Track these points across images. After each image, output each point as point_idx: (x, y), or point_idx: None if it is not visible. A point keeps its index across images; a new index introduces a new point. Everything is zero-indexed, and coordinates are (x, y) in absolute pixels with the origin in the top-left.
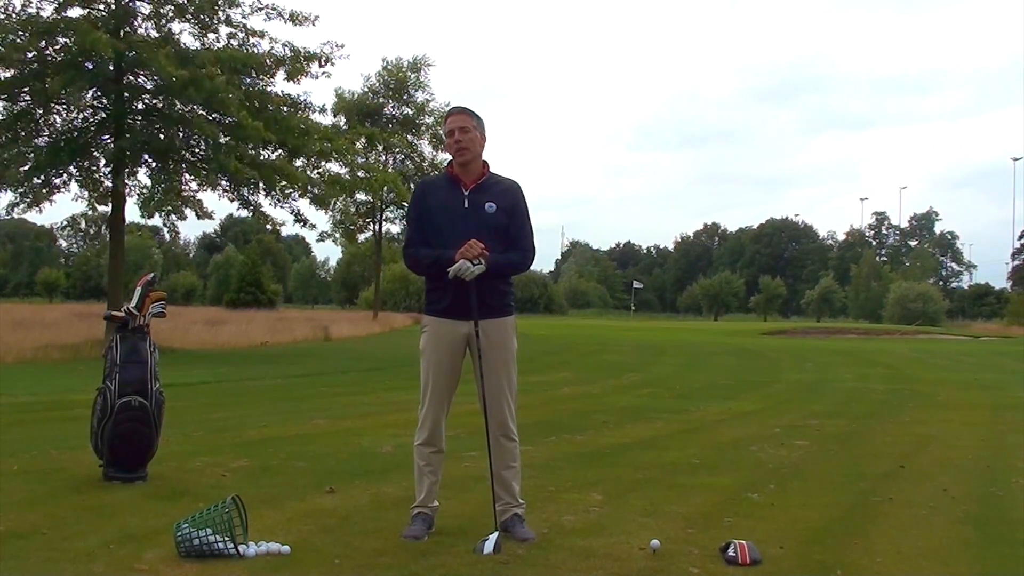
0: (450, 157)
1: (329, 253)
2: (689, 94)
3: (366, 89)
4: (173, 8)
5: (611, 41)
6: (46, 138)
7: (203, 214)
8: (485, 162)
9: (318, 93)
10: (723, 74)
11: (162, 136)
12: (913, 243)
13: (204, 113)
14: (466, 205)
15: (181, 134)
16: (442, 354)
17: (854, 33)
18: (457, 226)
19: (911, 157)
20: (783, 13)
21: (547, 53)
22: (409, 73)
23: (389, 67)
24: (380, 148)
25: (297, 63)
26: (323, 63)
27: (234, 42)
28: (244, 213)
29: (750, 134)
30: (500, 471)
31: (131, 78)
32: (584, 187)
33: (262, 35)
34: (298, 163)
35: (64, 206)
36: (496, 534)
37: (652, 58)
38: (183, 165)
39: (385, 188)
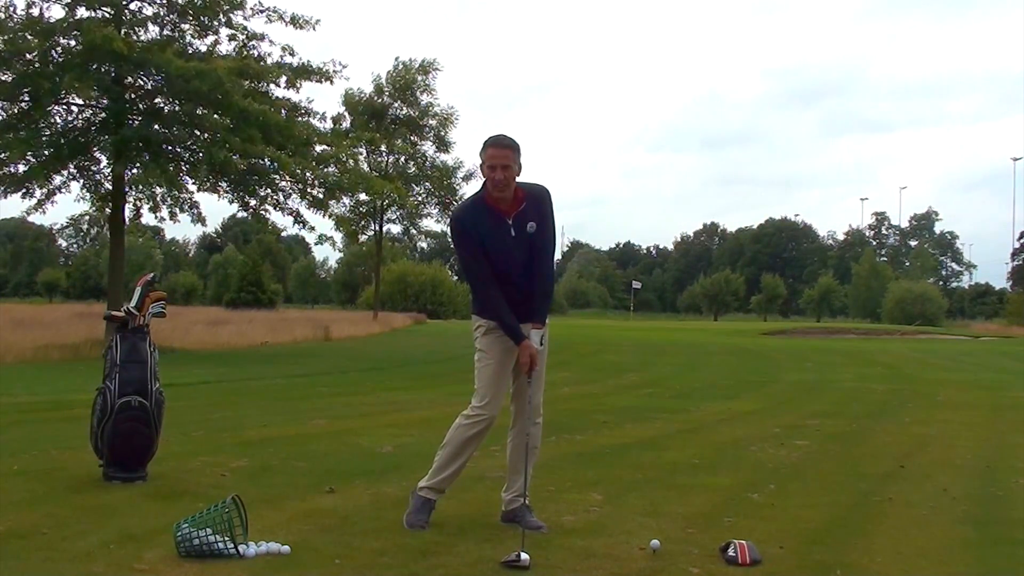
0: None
1: (328, 253)
2: (713, 97)
3: (374, 88)
4: (176, 10)
5: (636, 44)
6: (47, 138)
7: (198, 219)
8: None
9: (319, 98)
10: (748, 78)
11: (162, 132)
12: (913, 243)
13: (206, 111)
14: (513, 234)
15: (178, 131)
16: (507, 354)
17: (881, 39)
18: (510, 256)
19: (913, 158)
20: (814, 18)
21: (572, 57)
22: (417, 76)
23: (400, 68)
24: (383, 150)
25: (300, 73)
26: (323, 80)
27: (234, 44)
28: (244, 214)
29: (770, 137)
30: (524, 457)
31: (131, 79)
32: (599, 188)
33: (262, 38)
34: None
35: (65, 206)
36: (527, 556)
37: (678, 61)
38: (183, 166)
39: (385, 189)
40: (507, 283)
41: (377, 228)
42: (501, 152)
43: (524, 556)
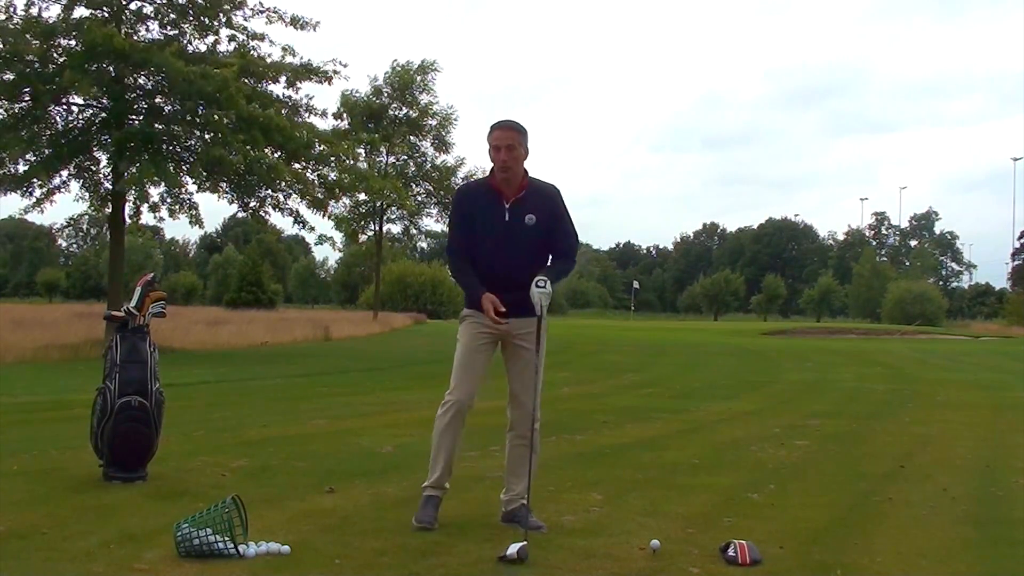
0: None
1: (328, 253)
2: (715, 97)
3: (372, 90)
4: (177, 9)
5: (638, 44)
6: (47, 138)
7: (195, 220)
8: (525, 171)
9: (320, 96)
10: (750, 78)
11: (161, 131)
12: (913, 243)
13: (207, 110)
14: (507, 218)
15: (179, 130)
16: (474, 338)
17: (882, 40)
18: (498, 239)
19: (913, 158)
20: (816, 19)
21: (573, 57)
22: (416, 76)
23: (397, 69)
24: (383, 151)
25: (301, 74)
26: (323, 79)
27: (234, 44)
28: (244, 214)
29: (771, 137)
30: (525, 460)
31: (131, 78)
32: (600, 188)
33: (262, 38)
34: (297, 166)
35: (64, 206)
36: (523, 544)
37: (679, 61)
38: (183, 165)
39: (385, 189)
40: (489, 269)
41: (377, 228)
42: (506, 133)
43: (512, 547)
